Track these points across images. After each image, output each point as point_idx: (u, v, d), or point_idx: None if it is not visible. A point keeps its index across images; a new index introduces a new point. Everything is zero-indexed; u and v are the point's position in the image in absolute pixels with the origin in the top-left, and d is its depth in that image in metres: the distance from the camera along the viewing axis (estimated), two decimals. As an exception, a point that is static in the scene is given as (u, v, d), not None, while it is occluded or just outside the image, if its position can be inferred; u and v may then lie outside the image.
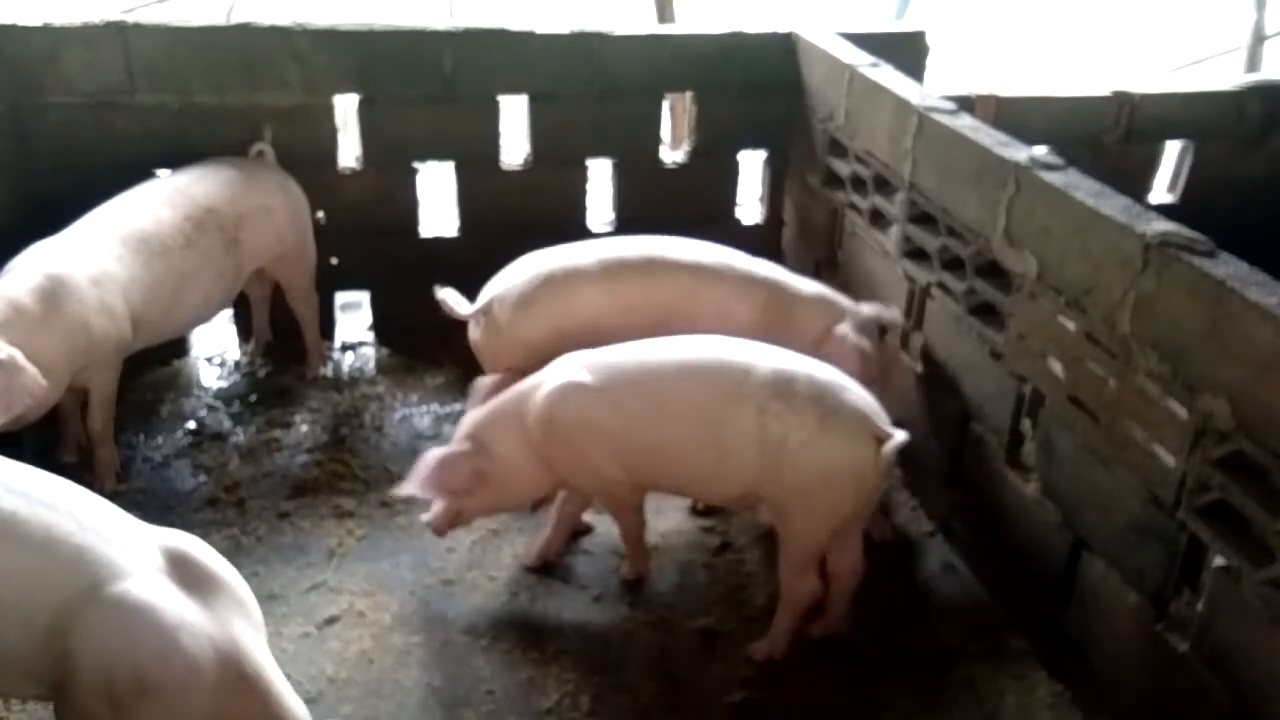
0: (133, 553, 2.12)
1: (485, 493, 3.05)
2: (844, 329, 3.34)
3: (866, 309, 3.47)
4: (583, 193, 4.45)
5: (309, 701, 2.79)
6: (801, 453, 2.75)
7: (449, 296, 3.43)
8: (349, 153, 4.26)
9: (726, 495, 3.03)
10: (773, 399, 2.77)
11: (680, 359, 2.94)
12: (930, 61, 4.48)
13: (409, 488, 3.00)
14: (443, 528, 3.13)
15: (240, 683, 2.09)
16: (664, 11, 6.37)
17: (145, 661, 2.01)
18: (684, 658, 3.02)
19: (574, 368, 2.99)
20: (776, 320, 3.35)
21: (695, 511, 3.57)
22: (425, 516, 3.14)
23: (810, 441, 2.74)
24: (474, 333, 3.48)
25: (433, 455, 3.01)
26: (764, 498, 2.91)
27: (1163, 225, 2.49)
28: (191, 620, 2.06)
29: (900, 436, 2.75)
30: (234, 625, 2.13)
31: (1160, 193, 4.56)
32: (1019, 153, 2.99)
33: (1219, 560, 2.36)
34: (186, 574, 2.14)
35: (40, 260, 3.22)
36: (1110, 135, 4.31)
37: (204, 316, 3.85)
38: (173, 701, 2.01)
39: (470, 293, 3.47)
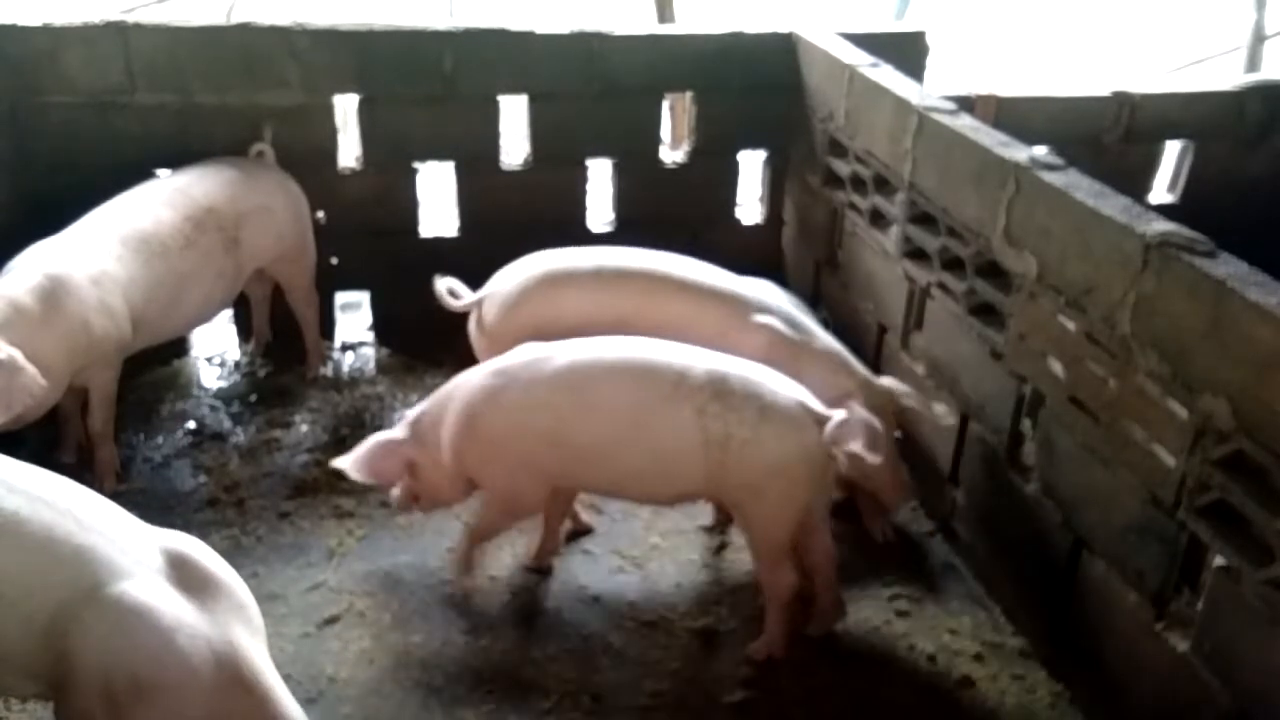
0: (133, 554, 2.12)
1: (419, 484, 3.11)
2: (855, 405, 3.00)
3: (885, 381, 3.32)
4: (583, 193, 4.45)
5: (309, 702, 2.80)
6: (747, 449, 2.75)
7: (445, 286, 3.42)
8: (349, 153, 4.26)
9: (665, 496, 3.02)
10: (710, 400, 2.77)
11: (614, 359, 2.92)
12: (930, 61, 4.48)
13: (344, 462, 3.08)
14: (401, 505, 3.22)
15: (237, 685, 2.09)
16: (664, 11, 6.38)
17: (142, 663, 2.01)
18: (684, 658, 3.02)
19: (506, 363, 2.99)
20: (779, 368, 3.10)
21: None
22: (393, 492, 3.21)
23: (755, 437, 2.75)
24: (470, 326, 3.49)
25: (372, 439, 3.09)
26: (719, 498, 2.92)
27: (1163, 225, 2.49)
28: (189, 622, 2.06)
29: (839, 415, 2.75)
30: (232, 627, 2.13)
31: (1160, 193, 4.56)
32: (1019, 153, 2.99)
33: (1219, 560, 2.36)
34: (186, 576, 2.14)
35: (40, 260, 3.22)
36: (1110, 135, 4.31)
37: (204, 316, 3.85)
38: (169, 703, 2.01)
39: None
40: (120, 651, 2.01)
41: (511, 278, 3.42)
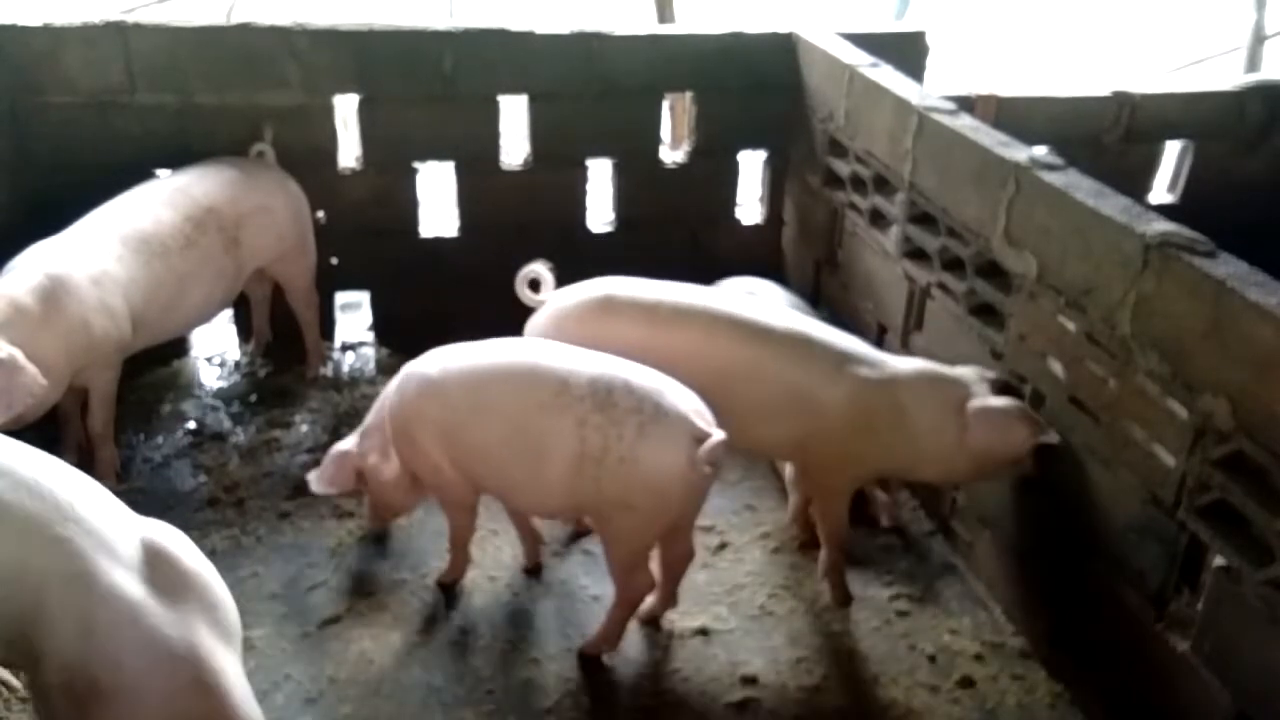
0: (109, 547, 2.08)
1: (374, 492, 3.19)
2: (978, 402, 2.87)
3: (968, 371, 3.02)
4: (583, 193, 4.45)
5: (308, 702, 2.81)
6: (623, 466, 2.67)
7: (528, 275, 3.31)
8: (349, 153, 4.26)
9: (546, 507, 2.97)
10: (593, 411, 2.69)
11: (504, 362, 2.88)
12: (930, 61, 4.49)
13: (310, 476, 3.26)
14: (372, 523, 3.38)
15: (196, 688, 2.03)
16: (664, 11, 6.38)
17: (101, 665, 1.97)
18: (684, 658, 3.03)
19: (424, 360, 3.00)
20: (875, 410, 2.96)
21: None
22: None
23: (631, 454, 2.66)
24: (527, 325, 3.39)
25: (331, 450, 3.22)
26: (585, 509, 2.87)
27: (1163, 225, 2.49)
28: (152, 625, 2.01)
29: (718, 436, 2.66)
30: (198, 630, 2.08)
31: (1160, 193, 4.56)
32: (1019, 153, 2.99)
33: (1219, 560, 2.36)
34: (160, 572, 2.10)
35: (40, 260, 3.22)
36: (1110, 135, 4.31)
37: (204, 317, 3.85)
38: (125, 706, 1.97)
39: (469, 294, 3.46)
40: (81, 651, 1.97)
41: (575, 293, 3.28)
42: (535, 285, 3.33)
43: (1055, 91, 4.36)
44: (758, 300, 3.48)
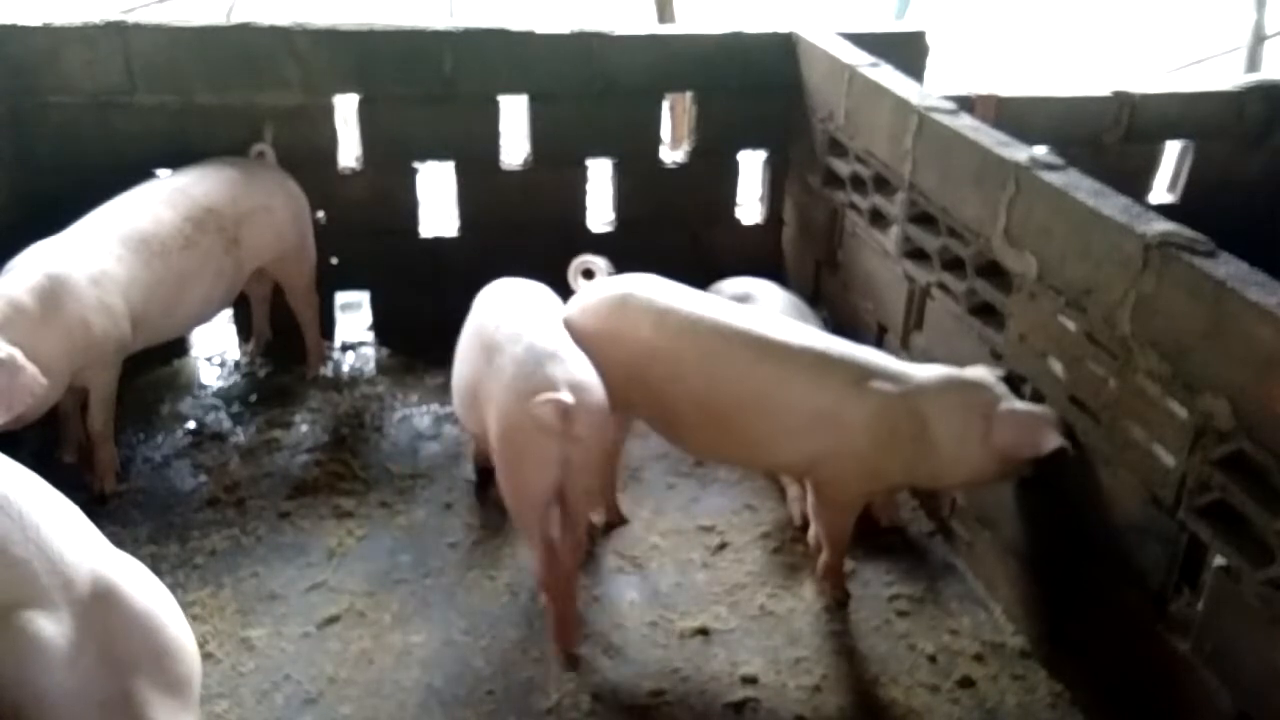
0: (59, 579, 1.97)
1: None
2: (1005, 406, 2.82)
3: (981, 370, 2.99)
4: (583, 193, 4.45)
5: (309, 702, 2.81)
6: (494, 410, 2.85)
7: (584, 264, 3.36)
8: (349, 153, 4.26)
9: (483, 431, 3.10)
10: (496, 353, 2.91)
11: (484, 316, 3.16)
12: (930, 61, 4.49)
13: None
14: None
15: None
16: (664, 11, 6.38)
17: (26, 701, 1.91)
18: (684, 658, 3.03)
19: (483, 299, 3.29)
20: (904, 428, 2.88)
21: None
22: None
23: (500, 400, 2.82)
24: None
25: None
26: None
27: (1163, 225, 2.50)
28: (83, 668, 1.93)
29: (559, 396, 2.65)
30: (136, 679, 1.98)
31: (1160, 193, 4.57)
32: (1019, 153, 2.99)
33: (1219, 560, 2.36)
34: (104, 614, 1.99)
35: (40, 260, 3.22)
36: (1110, 135, 4.31)
37: (204, 316, 3.85)
38: None
39: (469, 294, 3.45)
40: (10, 678, 1.90)
41: (601, 288, 3.27)
42: (589, 274, 3.38)
43: (1055, 91, 4.36)
44: (771, 314, 3.43)
